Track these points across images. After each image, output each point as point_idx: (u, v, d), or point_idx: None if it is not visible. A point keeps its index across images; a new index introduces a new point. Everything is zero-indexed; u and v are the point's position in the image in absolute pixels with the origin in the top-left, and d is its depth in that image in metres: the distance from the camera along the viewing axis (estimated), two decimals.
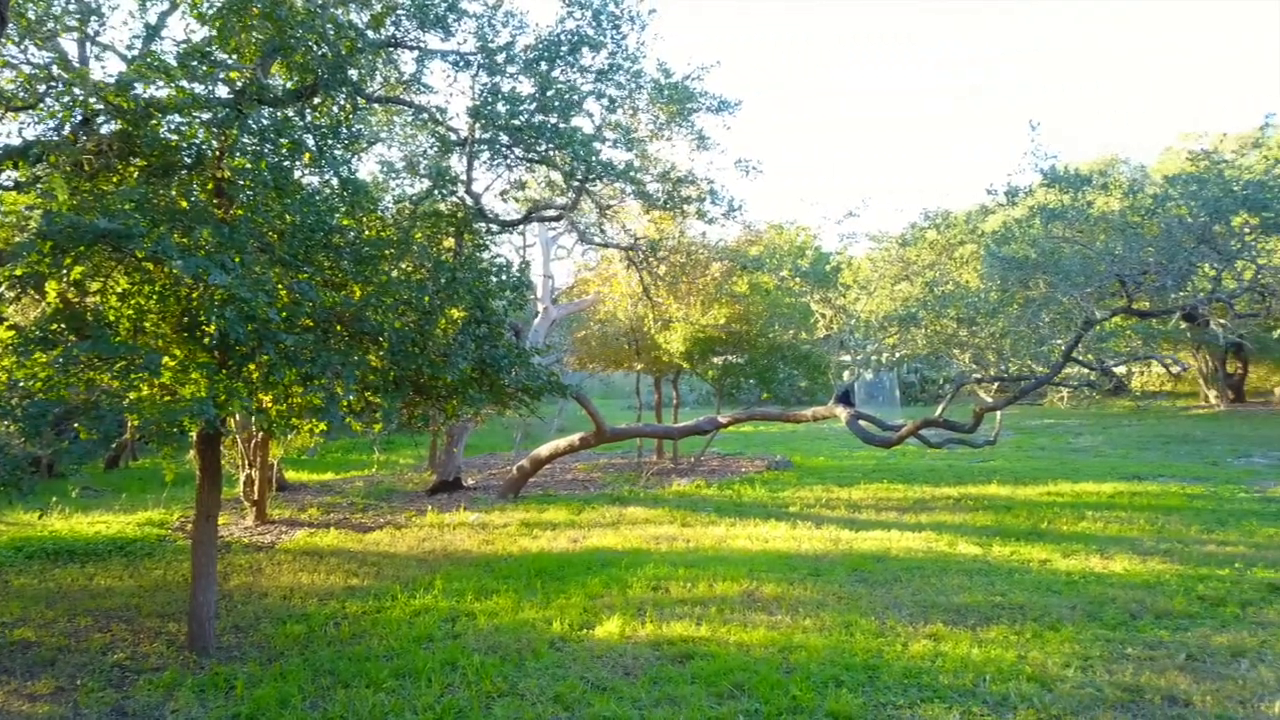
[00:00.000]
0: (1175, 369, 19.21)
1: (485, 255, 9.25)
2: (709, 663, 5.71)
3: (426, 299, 6.99)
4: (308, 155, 7.12)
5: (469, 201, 10.46)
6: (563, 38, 9.94)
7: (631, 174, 11.63)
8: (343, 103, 8.78)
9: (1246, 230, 9.19)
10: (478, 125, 10.03)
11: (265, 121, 6.66)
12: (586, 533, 10.44)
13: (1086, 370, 12.01)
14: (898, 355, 14.71)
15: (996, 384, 12.42)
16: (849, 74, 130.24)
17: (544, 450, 13.71)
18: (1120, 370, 21.71)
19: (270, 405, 6.47)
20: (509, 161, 10.93)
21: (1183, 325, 20.02)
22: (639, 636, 6.33)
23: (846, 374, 17.67)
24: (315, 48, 8.10)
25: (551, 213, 12.80)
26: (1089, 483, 13.17)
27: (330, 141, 7.43)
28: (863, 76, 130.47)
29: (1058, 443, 19.39)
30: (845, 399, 13.05)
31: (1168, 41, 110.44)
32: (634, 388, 18.63)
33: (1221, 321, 10.69)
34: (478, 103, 9.69)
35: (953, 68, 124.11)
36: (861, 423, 12.42)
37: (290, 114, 7.96)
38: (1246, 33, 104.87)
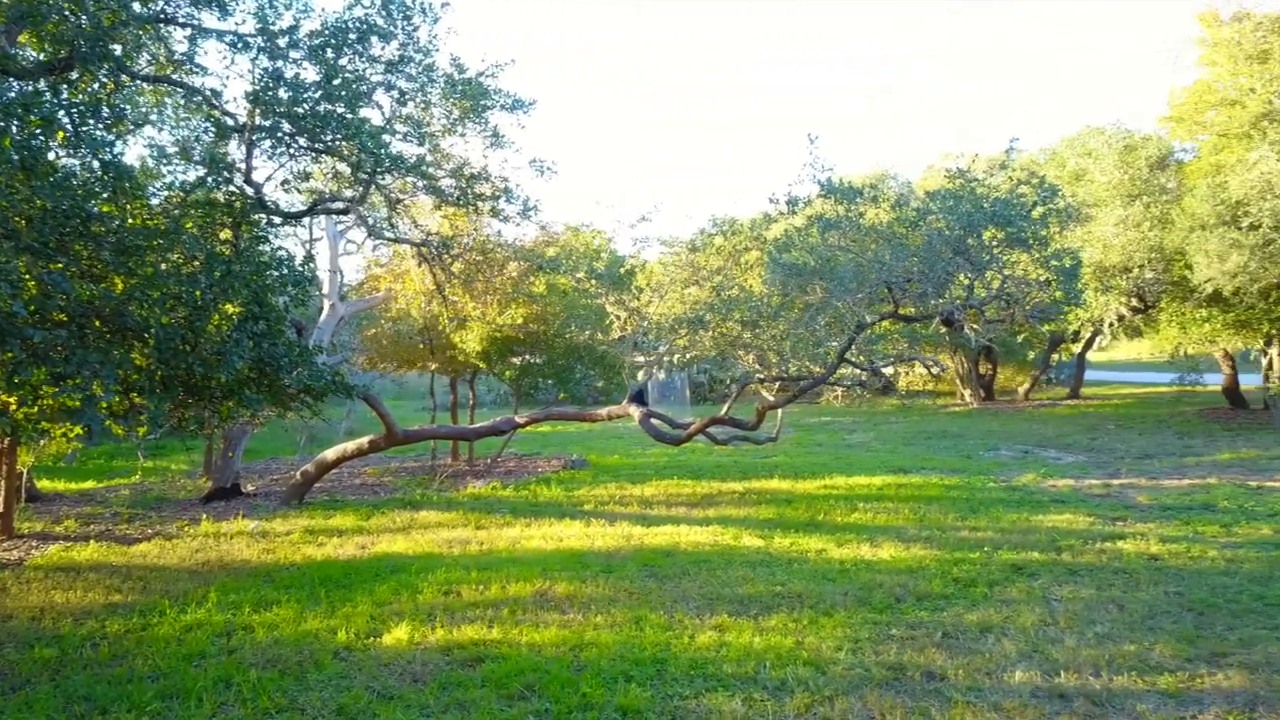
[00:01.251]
0: (935, 369, 20.90)
1: (265, 248, 8.77)
2: (500, 665, 5.67)
3: (198, 293, 6.55)
4: (61, 134, 6.51)
5: (248, 191, 9.88)
6: (351, 25, 9.56)
7: (423, 169, 11.36)
8: (104, 80, 8.09)
9: (995, 244, 10.15)
10: (258, 111, 9.48)
11: (11, 95, 6.03)
12: (376, 538, 10.12)
13: (859, 370, 12.83)
14: (688, 356, 15.18)
15: (778, 383, 13.06)
16: (649, 78, 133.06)
17: (331, 454, 13.16)
18: (888, 371, 23.37)
19: (15, 407, 5.86)
20: (292, 151, 10.39)
21: (942, 329, 21.82)
22: (429, 642, 6.20)
23: (640, 374, 18.05)
24: (71, 17, 7.42)
25: (339, 206, 12.29)
26: (861, 476, 14.05)
27: (90, 121, 6.82)
28: (661, 81, 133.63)
29: (833, 439, 20.59)
30: (639, 398, 13.30)
31: (933, 66, 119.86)
32: (428, 388, 18.19)
33: (974, 326, 11.71)
34: (258, 88, 9.16)
35: (747, 77, 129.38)
36: (654, 421, 12.72)
37: (41, 88, 7.26)
38: (999, 64, 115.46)
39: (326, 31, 9.45)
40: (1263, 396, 20.65)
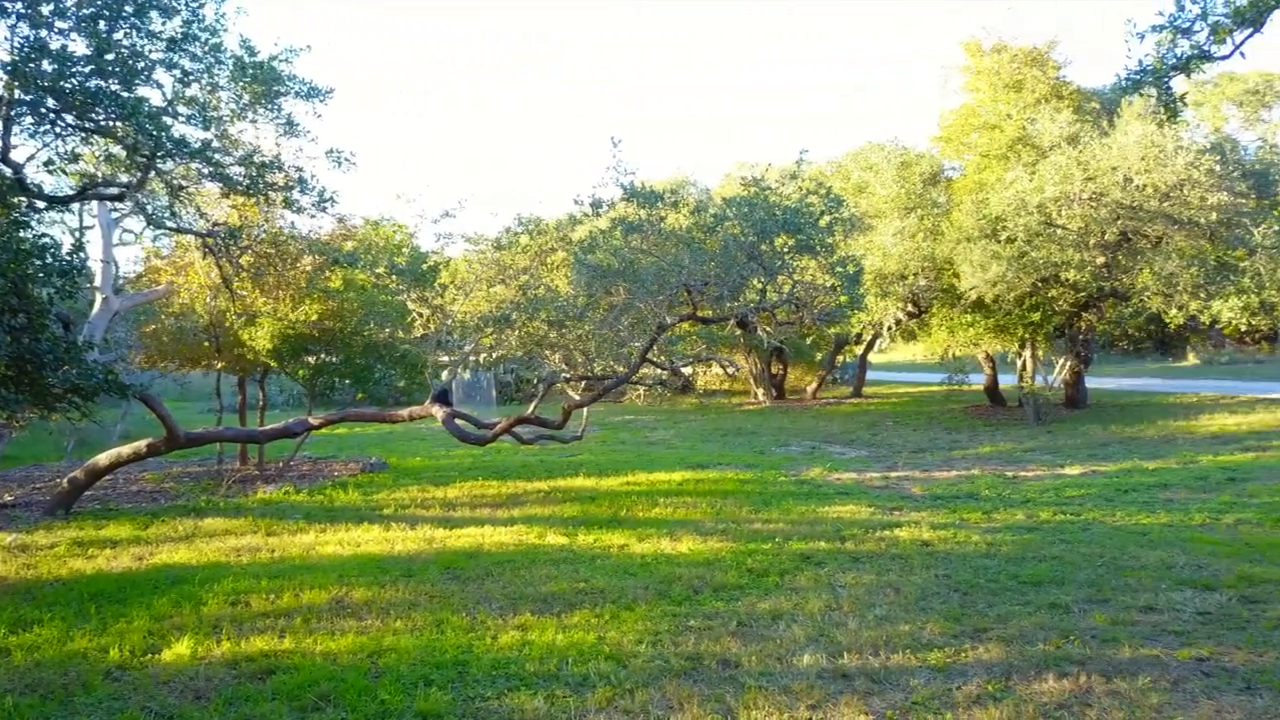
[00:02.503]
0: (731, 369, 21.75)
1: (26, 235, 8.01)
2: (292, 676, 5.43)
3: None
4: None
5: (5, 172, 8.97)
6: None
7: (209, 154, 10.69)
8: None
9: (786, 250, 10.70)
10: (16, 85, 8.63)
11: None
12: (155, 549, 9.43)
13: (660, 370, 13.18)
14: (494, 356, 15.07)
15: (584, 383, 13.21)
16: (452, 76, 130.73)
17: (103, 459, 12.13)
18: (688, 370, 24.12)
19: None
20: (58, 129, 9.52)
21: (737, 331, 22.73)
22: (214, 656, 5.85)
23: (445, 374, 17.73)
24: None
25: (113, 191, 11.36)
26: (662, 472, 14.42)
27: None
28: (469, 79, 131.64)
29: (636, 436, 21.02)
30: (442, 398, 13.06)
31: (735, 75, 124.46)
32: (214, 388, 17.10)
33: (766, 328, 12.29)
34: (17, 58, 8.33)
35: (558, 76, 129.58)
36: (458, 421, 12.54)
37: None
38: (796, 77, 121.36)
39: (99, 2, 8.72)
40: (1018, 395, 22.76)
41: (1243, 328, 19.13)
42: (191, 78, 10.44)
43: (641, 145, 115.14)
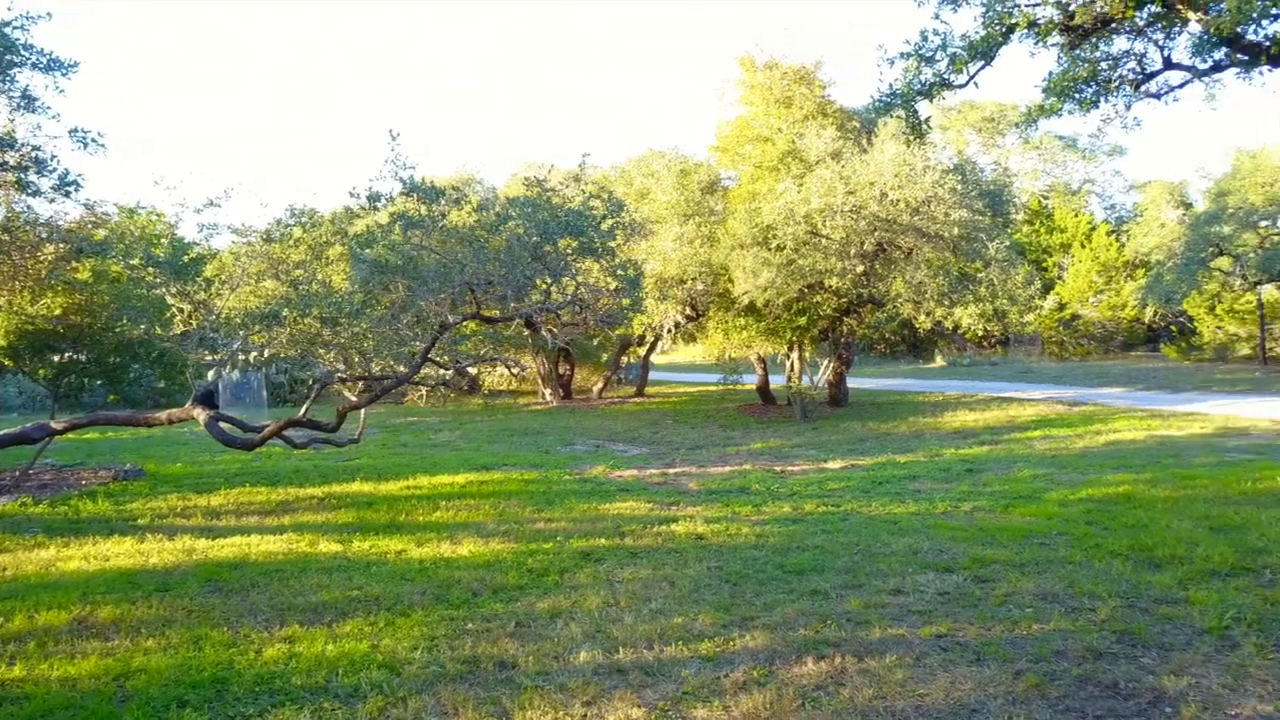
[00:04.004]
0: (516, 370, 21.71)
1: None
2: (22, 706, 4.93)
3: None
4: None
5: None
6: None
7: None
8: None
9: (569, 252, 10.81)
10: None
11: None
12: None
13: (444, 370, 12.94)
14: (265, 355, 14.25)
15: (361, 383, 12.75)
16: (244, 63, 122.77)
17: None
18: (474, 370, 23.83)
19: None
20: None
21: (525, 331, 22.71)
22: None
23: (210, 374, 16.59)
24: None
25: None
26: (445, 475, 14.17)
27: None
28: (247, 67, 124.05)
29: (419, 439, 20.54)
30: (207, 400, 12.23)
31: (524, 75, 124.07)
32: None
33: (551, 329, 12.36)
34: None
35: (339, 69, 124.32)
36: (222, 425, 11.79)
37: None
38: (583, 79, 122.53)
39: None
40: (787, 394, 24.08)
41: (980, 333, 21.18)
42: None
43: (429, 142, 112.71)
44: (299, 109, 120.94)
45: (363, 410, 12.40)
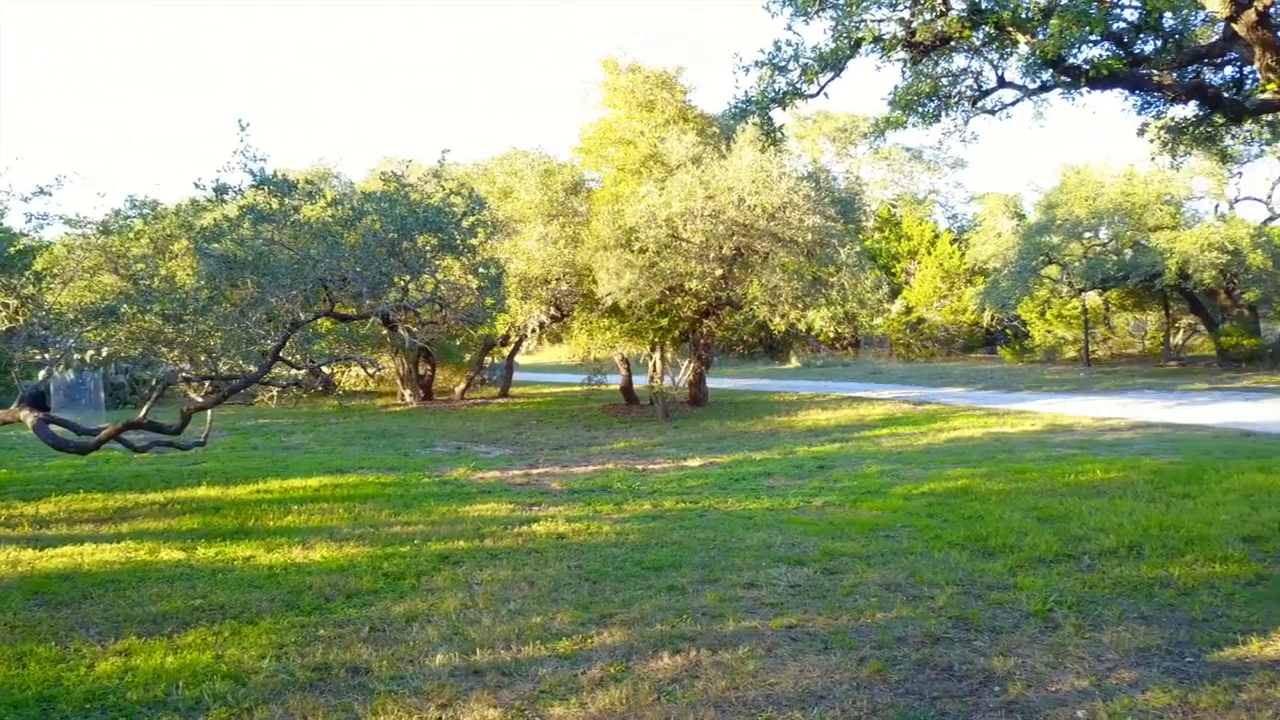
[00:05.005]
0: (373, 370, 21.19)
1: None
2: None
3: None
4: None
5: None
6: None
7: None
8: None
9: (428, 249, 10.63)
10: None
11: None
12: None
13: (296, 370, 12.51)
14: (103, 353, 13.42)
15: (207, 383, 12.19)
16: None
17: None
18: (328, 370, 23.10)
19: None
20: None
21: (382, 330, 22.20)
22: None
23: (42, 373, 15.49)
24: None
25: None
26: (297, 478, 13.69)
27: None
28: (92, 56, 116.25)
29: (270, 441, 19.77)
30: (36, 402, 11.42)
31: (387, 73, 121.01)
32: None
33: (410, 328, 12.12)
34: None
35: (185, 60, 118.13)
36: (52, 428, 11.05)
37: None
38: (446, 76, 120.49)
39: None
40: (649, 394, 24.38)
41: (832, 335, 22.00)
42: None
43: (286, 135, 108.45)
44: (144, 97, 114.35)
45: (209, 412, 11.86)
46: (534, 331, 24.35)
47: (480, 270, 11.16)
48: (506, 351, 30.76)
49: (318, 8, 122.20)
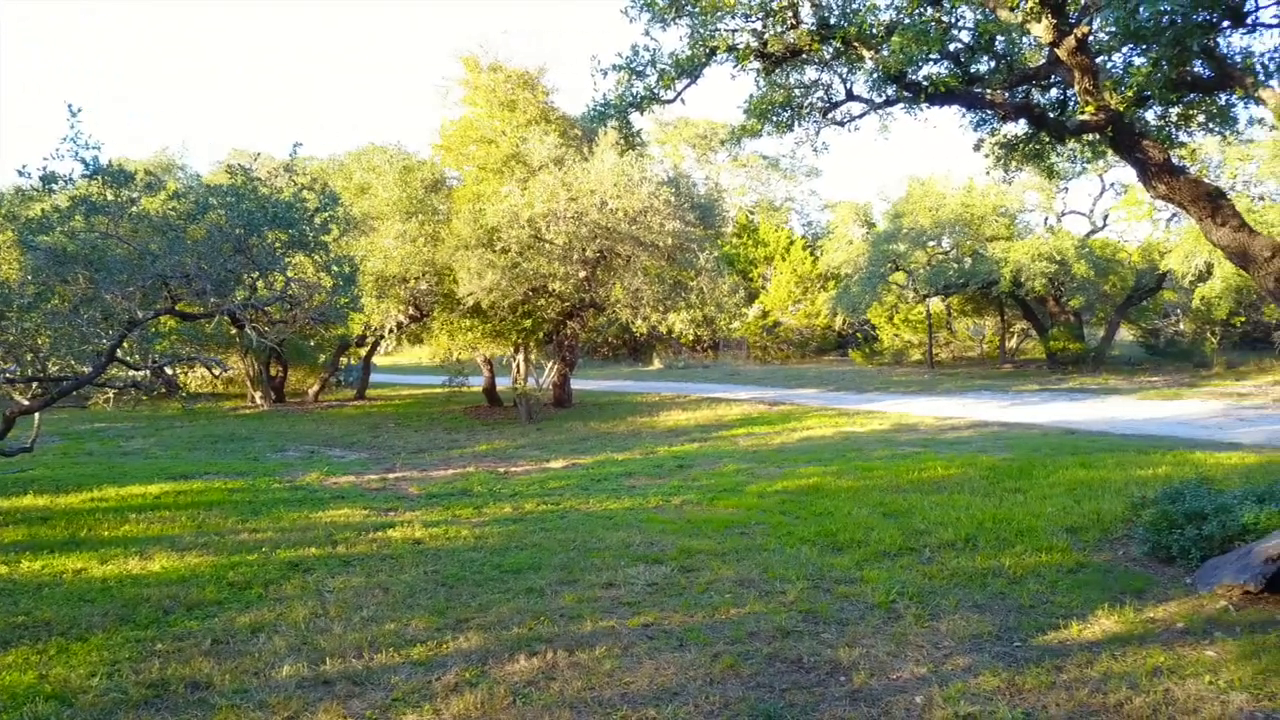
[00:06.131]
0: (219, 371, 20.25)
1: None
2: None
3: None
4: None
5: None
6: None
7: None
8: None
9: (278, 245, 10.24)
10: None
11: None
12: None
13: (135, 371, 11.82)
14: None
15: (34, 384, 11.37)
16: None
17: None
18: (170, 371, 21.93)
19: None
20: None
21: (232, 330, 21.24)
22: None
23: None
24: None
25: None
26: (136, 485, 12.96)
27: None
28: None
29: (107, 446, 18.62)
30: None
31: (234, 61, 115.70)
32: None
33: (257, 326, 11.63)
34: None
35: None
36: None
37: None
38: (300, 69, 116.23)
39: None
40: (512, 396, 24.21)
41: (692, 337, 22.40)
42: None
43: (129, 124, 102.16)
44: None
45: (37, 415, 11.09)
46: (392, 332, 23.75)
47: (334, 268, 10.83)
48: (363, 352, 29.93)
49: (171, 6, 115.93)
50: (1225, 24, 6.16)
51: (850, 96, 9.69)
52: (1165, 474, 11.11)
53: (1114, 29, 6.26)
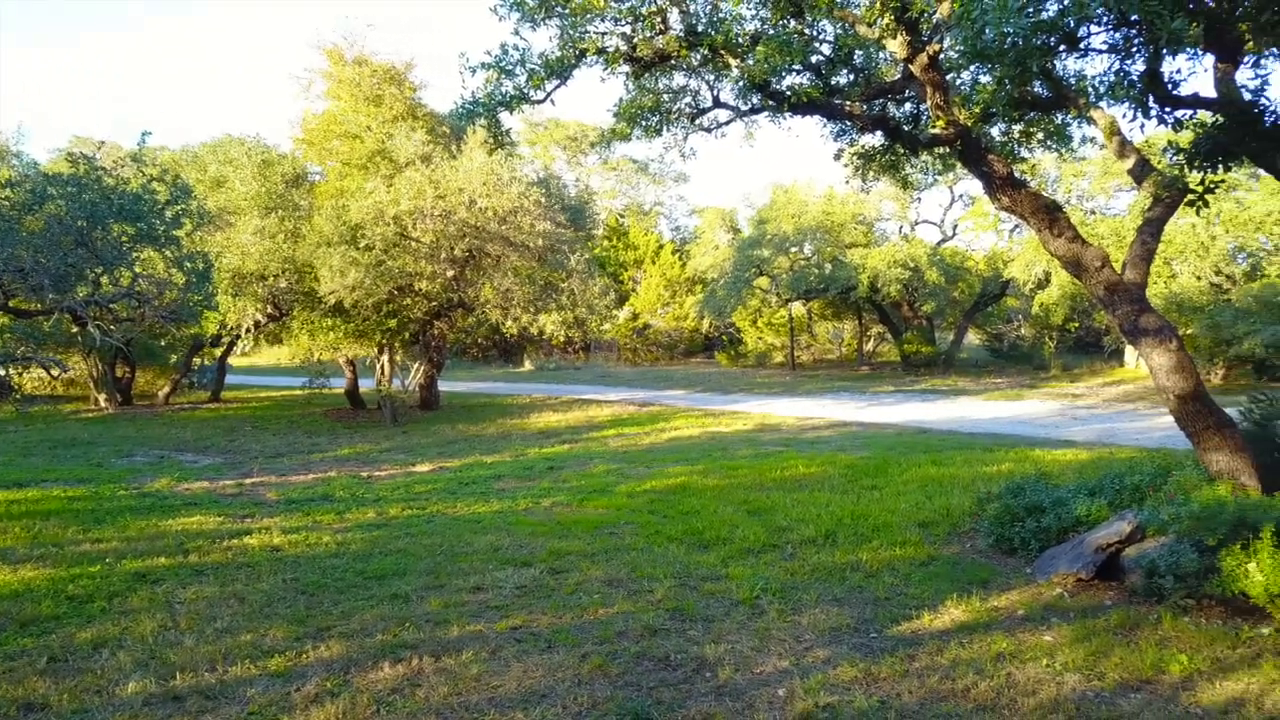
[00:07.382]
0: (58, 372, 18.96)
1: None
2: None
3: None
4: None
5: None
6: None
7: None
8: None
9: (125, 239, 9.69)
10: None
11: None
12: None
13: None
14: None
15: None
16: None
17: None
18: (4, 371, 20.41)
19: None
20: None
21: (73, 328, 19.94)
22: None
23: None
24: None
25: None
26: None
27: None
28: None
29: None
30: None
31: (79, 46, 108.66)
32: None
33: (101, 324, 10.99)
34: None
35: None
36: None
37: None
38: (156, 58, 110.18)
39: None
40: (377, 398, 23.62)
41: (563, 339, 22.38)
42: None
43: None
44: None
45: None
46: (249, 331, 22.80)
47: (186, 264, 10.32)
48: (218, 353, 28.60)
49: None
50: (1062, 48, 6.58)
51: (717, 103, 9.90)
52: (1008, 470, 11.80)
53: (962, 48, 6.60)
